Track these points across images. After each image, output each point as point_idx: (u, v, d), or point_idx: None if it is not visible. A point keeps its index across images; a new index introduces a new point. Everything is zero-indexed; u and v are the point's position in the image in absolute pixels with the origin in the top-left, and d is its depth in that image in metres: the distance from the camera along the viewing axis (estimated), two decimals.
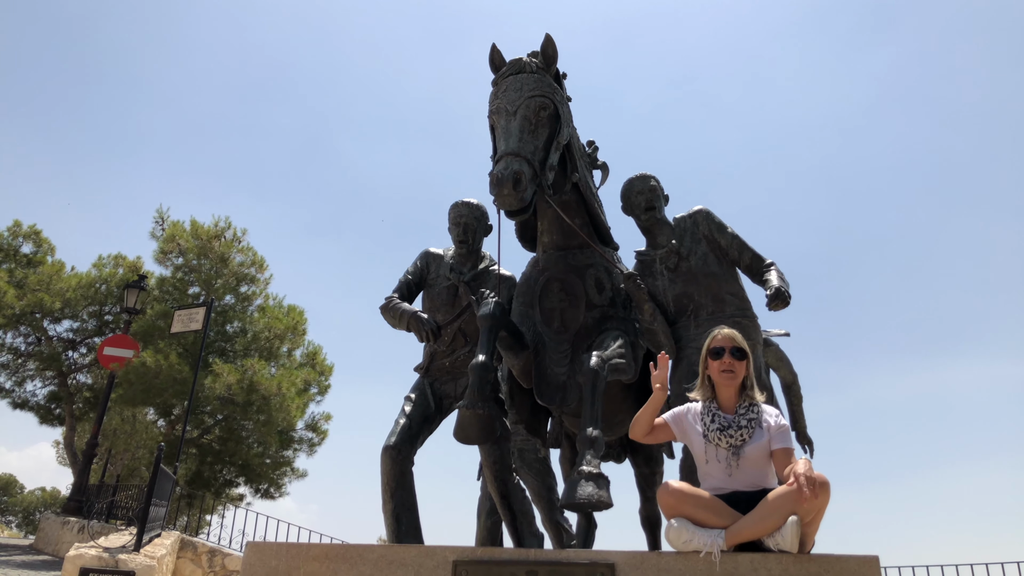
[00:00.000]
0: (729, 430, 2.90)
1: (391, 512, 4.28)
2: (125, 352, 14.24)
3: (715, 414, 2.98)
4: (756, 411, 2.97)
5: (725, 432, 2.89)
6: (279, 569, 2.97)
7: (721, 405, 3.02)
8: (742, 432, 2.89)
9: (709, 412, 3.00)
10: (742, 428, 2.90)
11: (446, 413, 4.69)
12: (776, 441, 2.89)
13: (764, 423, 2.93)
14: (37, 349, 18.41)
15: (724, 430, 2.90)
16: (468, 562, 2.83)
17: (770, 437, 2.90)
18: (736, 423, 2.92)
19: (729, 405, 3.01)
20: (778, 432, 2.91)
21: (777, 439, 2.90)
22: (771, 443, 2.89)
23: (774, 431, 2.91)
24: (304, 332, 18.73)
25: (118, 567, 7.92)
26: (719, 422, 2.94)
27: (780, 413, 3.05)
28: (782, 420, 2.98)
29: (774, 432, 2.91)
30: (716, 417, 2.96)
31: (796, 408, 5.53)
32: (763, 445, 2.88)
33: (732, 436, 2.88)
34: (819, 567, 2.60)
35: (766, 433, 2.91)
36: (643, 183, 4.50)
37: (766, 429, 2.91)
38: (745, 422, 2.92)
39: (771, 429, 2.92)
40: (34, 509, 46.75)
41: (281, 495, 18.74)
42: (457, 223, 4.79)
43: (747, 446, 2.87)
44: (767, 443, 2.89)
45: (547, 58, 3.90)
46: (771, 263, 4.24)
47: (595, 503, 3.20)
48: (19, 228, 19.07)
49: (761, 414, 2.97)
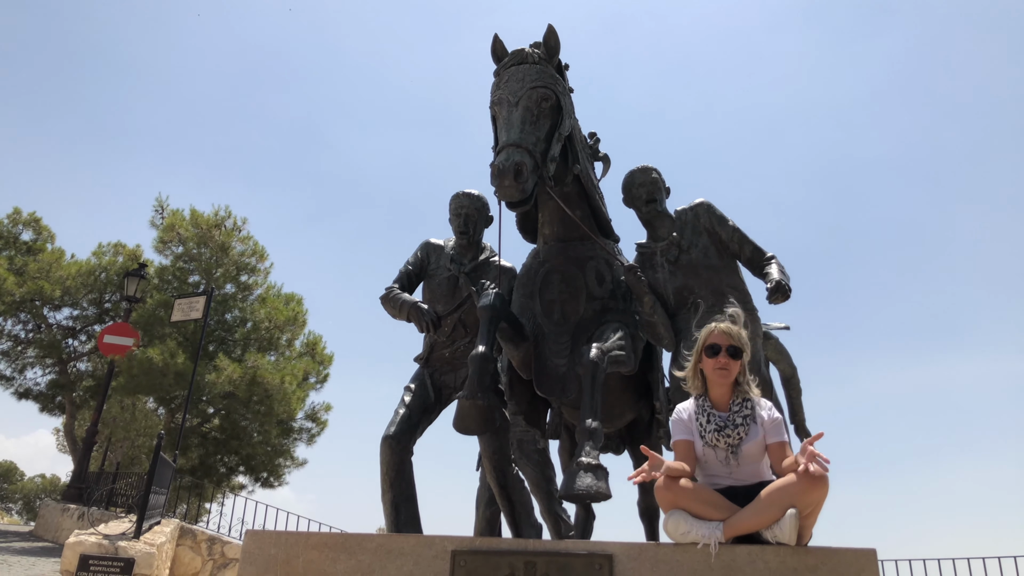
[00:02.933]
0: (726, 430, 2.87)
1: (390, 502, 4.29)
2: (125, 340, 14.25)
3: (710, 413, 2.94)
4: (750, 406, 2.94)
5: (722, 432, 2.87)
6: (278, 557, 2.98)
7: (714, 402, 2.99)
8: (739, 431, 2.87)
9: (704, 411, 2.96)
10: (738, 426, 2.88)
11: (446, 404, 4.69)
12: (771, 435, 2.88)
13: (758, 418, 2.92)
14: (37, 336, 18.43)
15: (721, 430, 2.88)
16: (467, 552, 2.84)
17: (765, 432, 2.89)
18: (732, 421, 2.89)
19: (722, 402, 2.98)
20: (772, 426, 2.90)
21: (772, 433, 2.88)
22: (766, 437, 2.89)
23: (768, 425, 2.90)
24: (304, 322, 18.75)
25: (118, 554, 7.95)
26: (715, 422, 2.91)
27: (773, 406, 3.03)
28: (775, 413, 2.97)
29: (768, 426, 2.90)
30: (712, 417, 2.93)
31: (795, 401, 5.54)
32: (759, 441, 2.87)
33: (729, 436, 2.86)
34: (817, 559, 2.61)
35: (761, 428, 2.89)
36: (644, 175, 4.49)
37: (760, 424, 2.90)
38: (740, 419, 2.90)
39: (765, 423, 2.90)
40: (34, 496, 46.91)
41: (281, 484, 18.82)
42: (458, 214, 4.79)
43: (744, 443, 2.86)
44: (763, 438, 2.88)
45: (549, 49, 3.88)
46: (772, 256, 4.24)
47: (594, 494, 3.20)
48: (19, 215, 19.06)
49: (755, 409, 2.94)
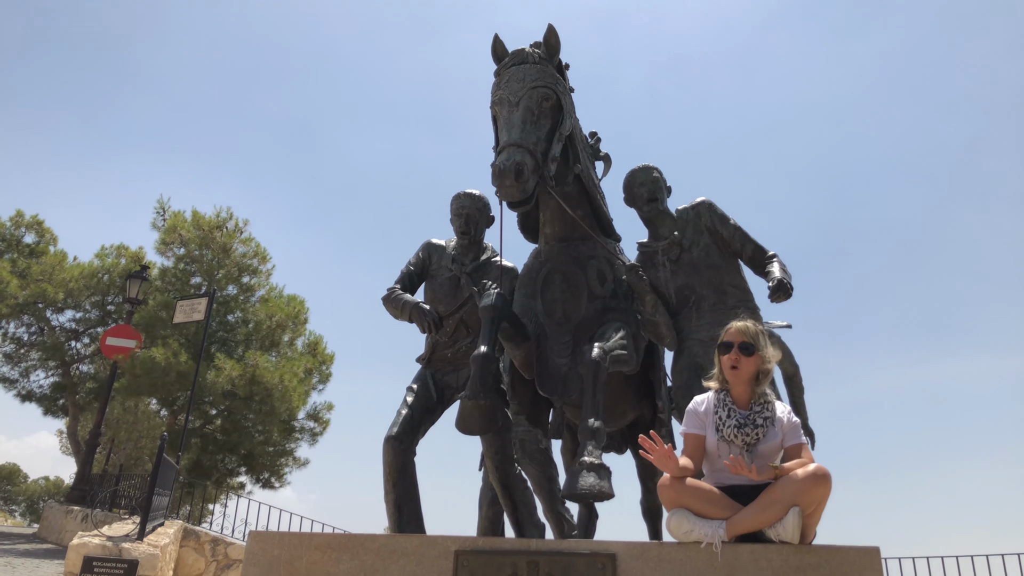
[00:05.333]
0: (746, 428, 2.87)
1: (393, 502, 4.29)
2: (127, 342, 14.27)
3: (730, 409, 2.94)
4: (771, 409, 2.94)
5: (742, 430, 2.87)
6: (281, 558, 2.99)
7: (735, 399, 2.98)
8: (758, 431, 2.87)
9: (724, 406, 2.95)
10: (759, 427, 2.88)
11: (448, 404, 4.69)
12: (790, 438, 2.89)
13: (777, 420, 2.92)
14: (40, 339, 18.47)
15: (741, 427, 2.88)
16: (470, 552, 2.84)
17: (783, 435, 2.90)
18: (752, 421, 2.89)
19: (743, 400, 2.97)
20: (791, 428, 2.91)
21: (791, 435, 2.89)
22: (784, 440, 2.89)
23: (787, 428, 2.91)
24: (305, 322, 18.78)
25: (121, 556, 7.96)
26: (736, 419, 2.90)
27: (791, 409, 3.04)
28: (794, 417, 2.97)
29: (787, 429, 2.91)
30: (732, 412, 2.92)
31: (797, 400, 5.52)
32: (776, 444, 2.88)
33: (748, 434, 2.86)
34: (820, 558, 2.61)
35: (779, 432, 2.90)
36: (645, 174, 4.49)
37: (779, 427, 2.91)
38: (761, 420, 2.89)
39: (784, 426, 2.91)
40: (38, 498, 47.03)
41: (283, 484, 18.84)
42: (459, 214, 4.78)
43: (761, 444, 2.87)
44: (780, 441, 2.89)
45: (550, 48, 3.88)
46: (773, 255, 4.24)
47: (596, 493, 3.20)
48: (22, 218, 19.12)
49: (775, 412, 2.94)
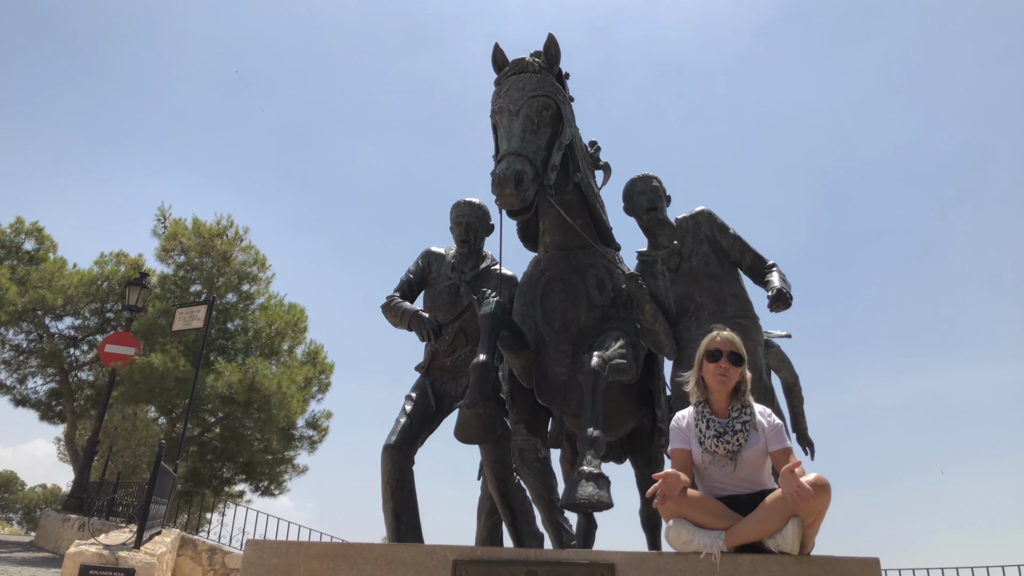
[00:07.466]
0: (725, 436, 2.88)
1: (391, 511, 4.28)
2: (126, 350, 14.25)
3: (709, 419, 2.95)
4: (749, 412, 2.94)
5: (721, 439, 2.88)
6: (279, 567, 2.97)
7: (714, 409, 3.00)
8: (738, 437, 2.87)
9: (703, 418, 2.96)
10: (737, 432, 2.88)
11: (447, 412, 4.69)
12: (773, 442, 2.88)
13: (759, 425, 2.92)
14: (39, 346, 18.42)
15: (720, 436, 2.88)
16: (468, 561, 2.83)
17: (766, 439, 2.89)
18: (731, 427, 2.89)
19: (721, 408, 2.99)
20: (773, 432, 2.90)
21: (774, 440, 2.88)
22: (768, 444, 2.88)
23: (769, 432, 2.90)
24: (305, 329, 18.74)
25: (118, 564, 7.92)
26: (714, 428, 2.91)
27: (772, 412, 3.03)
28: (775, 419, 2.97)
29: (769, 433, 2.90)
30: (711, 423, 2.93)
31: (797, 409, 5.52)
32: (760, 448, 2.87)
33: (729, 442, 2.87)
34: (819, 569, 2.60)
35: (762, 435, 2.89)
36: (645, 183, 4.50)
37: (761, 431, 2.90)
38: (740, 426, 2.90)
39: (766, 430, 2.90)
40: (35, 506, 46.82)
41: (282, 492, 18.76)
42: (459, 222, 4.79)
43: (744, 450, 2.86)
44: (764, 445, 2.88)
45: (550, 58, 3.90)
46: (773, 264, 4.24)
47: (595, 503, 3.19)
48: (21, 225, 19.12)
49: (754, 416, 2.94)
